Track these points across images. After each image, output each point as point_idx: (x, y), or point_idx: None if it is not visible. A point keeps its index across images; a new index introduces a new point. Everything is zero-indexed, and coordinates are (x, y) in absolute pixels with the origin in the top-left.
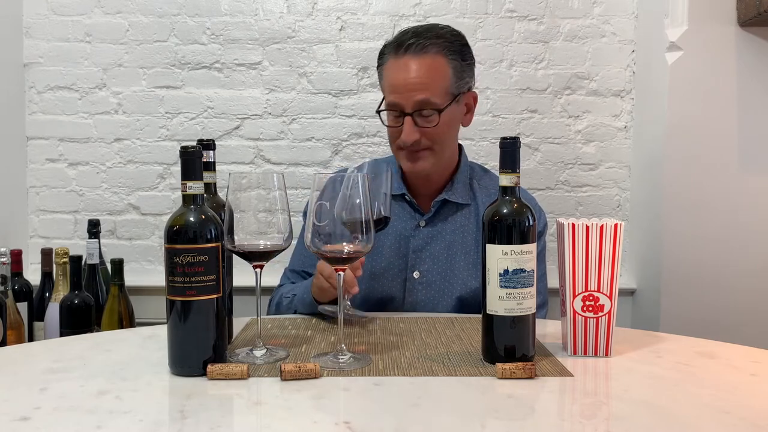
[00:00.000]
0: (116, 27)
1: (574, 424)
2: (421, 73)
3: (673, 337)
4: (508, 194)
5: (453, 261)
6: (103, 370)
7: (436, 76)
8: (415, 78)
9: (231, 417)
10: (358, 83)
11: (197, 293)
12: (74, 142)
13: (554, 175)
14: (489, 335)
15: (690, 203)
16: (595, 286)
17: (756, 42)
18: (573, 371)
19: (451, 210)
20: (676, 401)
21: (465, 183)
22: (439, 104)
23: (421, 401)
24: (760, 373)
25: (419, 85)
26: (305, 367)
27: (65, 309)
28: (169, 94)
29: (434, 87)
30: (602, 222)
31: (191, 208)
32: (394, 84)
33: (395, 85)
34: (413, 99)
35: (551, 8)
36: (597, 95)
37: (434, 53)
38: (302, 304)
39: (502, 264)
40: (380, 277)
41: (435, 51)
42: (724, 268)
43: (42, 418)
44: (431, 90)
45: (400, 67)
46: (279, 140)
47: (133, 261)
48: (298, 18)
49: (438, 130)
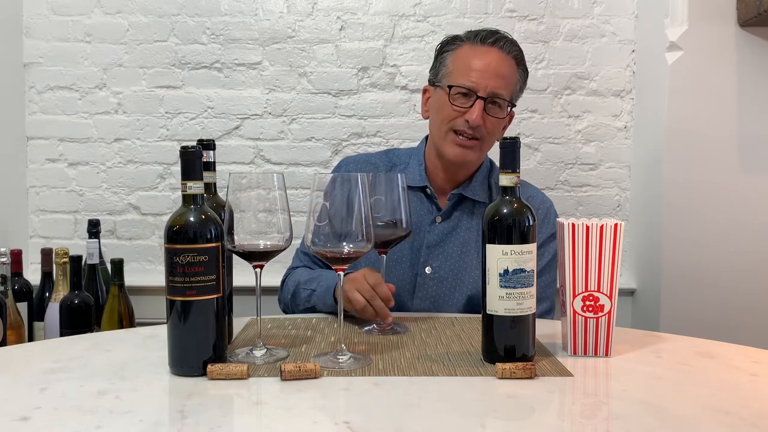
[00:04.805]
0: (116, 27)
1: (574, 424)
2: (502, 67)
3: (673, 337)
4: (508, 194)
5: (465, 259)
6: (103, 370)
7: (512, 77)
8: (497, 68)
9: (231, 417)
10: (358, 83)
11: (197, 293)
12: (74, 142)
13: (554, 175)
14: (489, 335)
15: (690, 203)
16: (595, 286)
17: (756, 42)
18: (573, 371)
19: (468, 207)
20: (676, 401)
21: (483, 181)
22: (509, 100)
23: (421, 401)
24: (760, 373)
25: (499, 77)
26: (305, 367)
27: (65, 309)
28: (169, 94)
29: (509, 85)
30: (602, 222)
31: (191, 208)
32: (473, 66)
33: (475, 68)
34: (492, 85)
35: (551, 8)
36: (597, 95)
37: (513, 57)
38: (323, 304)
39: (502, 264)
40: (391, 270)
41: (514, 55)
42: (724, 268)
43: (42, 418)
44: (507, 87)
45: (484, 54)
46: (279, 140)
47: (133, 261)
48: (298, 18)
49: (496, 124)
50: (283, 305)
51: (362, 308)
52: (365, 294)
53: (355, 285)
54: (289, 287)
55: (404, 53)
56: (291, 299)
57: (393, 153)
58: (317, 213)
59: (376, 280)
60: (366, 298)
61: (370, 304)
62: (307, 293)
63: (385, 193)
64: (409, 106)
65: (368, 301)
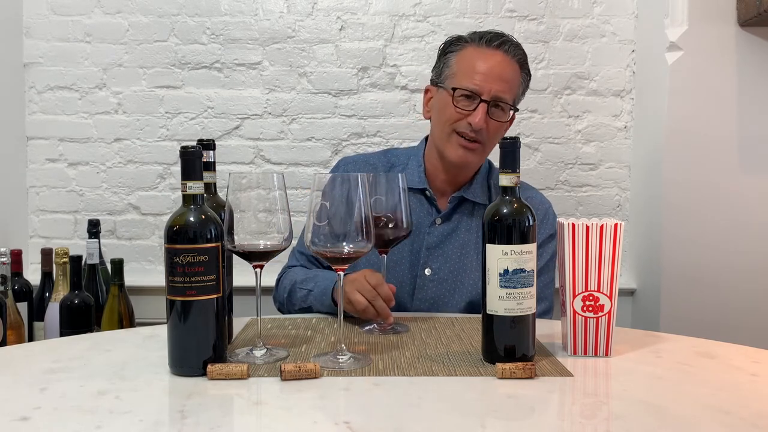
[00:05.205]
0: (116, 27)
1: (574, 424)
2: (507, 70)
3: (673, 337)
4: (508, 194)
5: (465, 260)
6: (103, 370)
7: (515, 81)
8: (501, 72)
9: (231, 417)
10: (358, 83)
11: (197, 293)
12: (74, 142)
13: (554, 175)
14: (489, 335)
15: (690, 203)
16: (595, 286)
17: (756, 42)
18: (573, 371)
19: (467, 209)
20: (676, 401)
21: (483, 183)
22: (511, 104)
23: (421, 401)
24: (760, 373)
25: (503, 80)
26: (305, 367)
27: (65, 309)
28: (169, 94)
29: (512, 89)
30: (602, 222)
31: (191, 208)
32: (478, 69)
33: (479, 70)
34: (495, 88)
35: (551, 8)
36: (597, 95)
37: (517, 61)
38: (321, 305)
39: (502, 264)
40: (391, 272)
41: (518, 59)
42: (724, 268)
43: (42, 418)
44: (510, 90)
45: (488, 57)
46: (279, 140)
47: (133, 261)
48: (298, 18)
49: (498, 128)
50: (278, 303)
51: (364, 309)
52: (367, 295)
53: (356, 286)
54: (285, 286)
55: (404, 53)
56: (287, 298)
57: (392, 153)
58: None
59: (377, 281)
60: (368, 298)
61: (371, 305)
62: (304, 293)
63: (386, 193)
64: (409, 106)
65: (370, 302)
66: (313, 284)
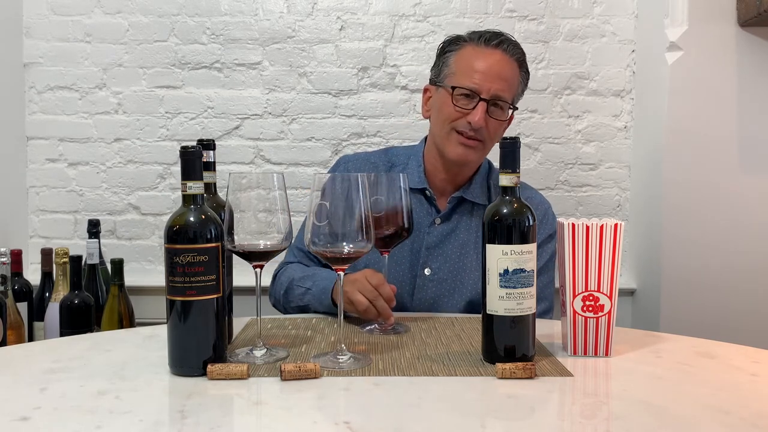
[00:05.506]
0: (116, 27)
1: (574, 424)
2: (506, 70)
3: (673, 337)
4: (508, 194)
5: (465, 260)
6: (103, 370)
7: (514, 80)
8: (500, 71)
9: (231, 417)
10: (358, 83)
11: (197, 293)
12: (74, 142)
13: (554, 175)
14: (489, 335)
15: (690, 203)
16: (595, 286)
17: (756, 42)
18: (573, 371)
19: (467, 209)
20: (675, 401)
21: (482, 183)
22: (510, 103)
23: (421, 401)
24: (760, 373)
25: (502, 79)
26: (305, 367)
27: (65, 309)
28: (169, 94)
29: (511, 88)
30: (602, 222)
31: (191, 208)
32: (477, 68)
33: (478, 69)
34: (495, 87)
35: (551, 8)
36: (597, 95)
37: (516, 60)
38: (319, 304)
39: (502, 264)
40: (390, 272)
41: (517, 58)
42: (724, 268)
43: (42, 418)
44: (509, 89)
45: (487, 56)
46: (279, 140)
47: (133, 261)
48: (298, 18)
49: (497, 126)
50: (274, 300)
51: (365, 309)
52: (368, 295)
53: (357, 286)
54: (282, 283)
55: (404, 53)
56: (283, 295)
57: (392, 152)
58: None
59: (378, 281)
60: (369, 299)
61: (373, 305)
62: (302, 291)
63: (387, 193)
64: (409, 106)
65: (371, 302)
66: (311, 283)
